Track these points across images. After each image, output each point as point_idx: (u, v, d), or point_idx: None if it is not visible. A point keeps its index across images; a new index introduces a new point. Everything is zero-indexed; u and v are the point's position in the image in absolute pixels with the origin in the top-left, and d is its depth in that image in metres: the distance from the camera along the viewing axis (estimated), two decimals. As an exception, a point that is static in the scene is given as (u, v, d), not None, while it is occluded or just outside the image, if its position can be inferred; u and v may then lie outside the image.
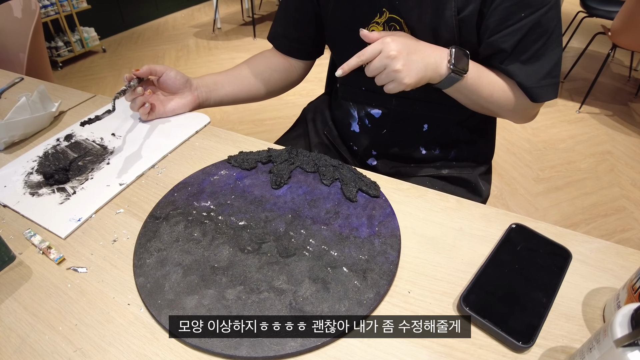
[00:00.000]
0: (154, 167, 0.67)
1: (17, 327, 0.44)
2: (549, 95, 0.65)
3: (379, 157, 0.82)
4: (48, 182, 0.63)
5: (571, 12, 2.99)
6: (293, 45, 0.85)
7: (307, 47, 0.85)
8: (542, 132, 2.28)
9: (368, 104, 0.78)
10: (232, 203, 0.57)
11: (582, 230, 1.64)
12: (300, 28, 0.82)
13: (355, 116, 0.81)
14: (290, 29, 0.83)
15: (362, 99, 0.79)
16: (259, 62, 0.86)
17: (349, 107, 0.82)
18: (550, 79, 0.64)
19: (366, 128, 0.80)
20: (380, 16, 0.67)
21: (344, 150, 0.85)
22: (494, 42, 0.62)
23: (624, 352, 0.30)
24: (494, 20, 0.60)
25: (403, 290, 0.46)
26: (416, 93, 0.72)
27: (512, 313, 0.42)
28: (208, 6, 4.54)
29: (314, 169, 0.63)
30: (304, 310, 0.43)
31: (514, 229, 0.52)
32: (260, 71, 0.85)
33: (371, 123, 0.79)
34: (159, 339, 0.42)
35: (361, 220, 0.54)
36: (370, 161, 0.83)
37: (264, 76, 0.85)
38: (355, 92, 0.80)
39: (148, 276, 0.48)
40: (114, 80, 2.96)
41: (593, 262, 0.49)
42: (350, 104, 0.81)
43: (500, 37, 0.61)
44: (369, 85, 0.76)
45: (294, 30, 0.83)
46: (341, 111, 0.84)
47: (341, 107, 0.84)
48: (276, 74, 0.86)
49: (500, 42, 0.61)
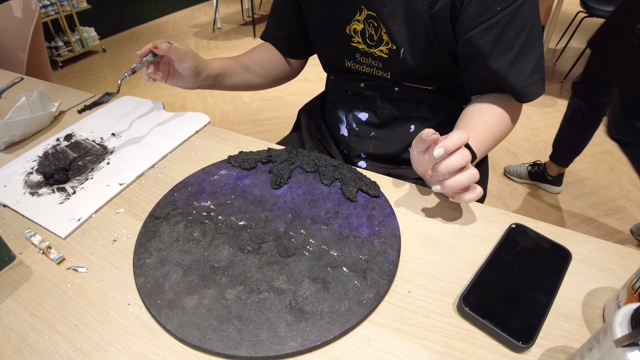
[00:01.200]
0: (154, 167, 0.67)
1: (17, 327, 0.44)
2: (538, 92, 0.63)
3: (369, 159, 0.81)
4: (48, 182, 0.63)
5: (571, 12, 2.98)
6: (282, 45, 0.87)
7: (295, 47, 0.87)
8: (542, 132, 2.27)
9: (355, 107, 0.78)
10: (232, 203, 0.57)
11: (582, 230, 1.64)
12: (287, 29, 0.84)
13: (344, 120, 0.81)
14: (279, 29, 0.85)
15: (349, 102, 0.79)
16: (262, 54, 0.87)
17: (337, 111, 0.82)
18: (537, 74, 0.62)
19: (354, 131, 0.80)
20: (360, 14, 0.67)
21: (336, 153, 0.85)
22: (470, 38, 0.60)
23: (624, 352, 0.30)
24: (468, 15, 0.59)
25: (403, 290, 0.46)
26: (400, 94, 0.73)
27: (512, 313, 0.42)
28: (208, 6, 4.54)
29: (314, 169, 0.63)
30: (304, 310, 0.43)
31: (514, 229, 0.52)
32: (263, 62, 0.86)
33: (359, 126, 0.79)
34: (159, 339, 0.42)
35: (361, 220, 0.54)
36: (360, 164, 0.82)
37: (266, 67, 0.86)
38: (342, 96, 0.80)
39: (148, 276, 0.48)
40: (114, 80, 2.96)
41: (593, 262, 0.49)
42: (338, 108, 0.82)
43: (476, 33, 0.59)
44: (355, 88, 0.77)
45: (282, 31, 0.85)
46: (331, 115, 0.85)
47: (331, 111, 0.85)
48: (276, 66, 0.88)
49: (478, 38, 0.59)
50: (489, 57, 0.60)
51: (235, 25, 3.94)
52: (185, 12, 4.40)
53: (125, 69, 3.04)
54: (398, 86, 0.72)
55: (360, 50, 0.71)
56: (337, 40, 0.73)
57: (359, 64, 0.73)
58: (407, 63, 0.67)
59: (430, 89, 0.71)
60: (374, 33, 0.67)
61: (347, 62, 0.74)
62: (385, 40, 0.67)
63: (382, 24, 0.65)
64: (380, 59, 0.70)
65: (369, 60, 0.71)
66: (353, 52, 0.72)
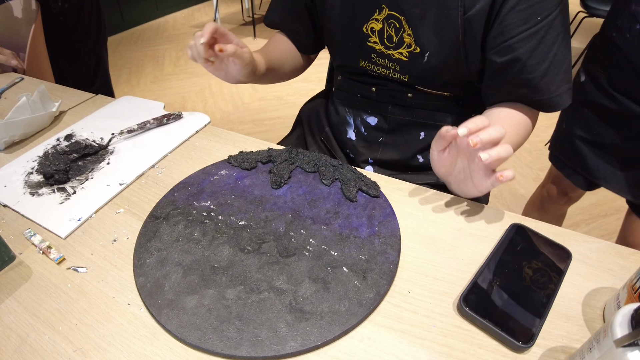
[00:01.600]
0: (154, 167, 0.67)
1: (17, 327, 0.44)
2: (566, 102, 0.63)
3: (375, 165, 0.80)
4: (48, 182, 0.63)
5: (571, 12, 2.98)
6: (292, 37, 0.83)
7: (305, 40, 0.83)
8: (542, 132, 2.27)
9: (364, 111, 0.77)
10: (232, 203, 0.57)
11: (582, 230, 1.64)
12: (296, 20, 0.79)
13: (351, 123, 0.80)
14: (287, 20, 0.81)
15: (357, 105, 0.78)
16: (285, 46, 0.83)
17: (344, 114, 0.80)
18: (565, 85, 0.62)
19: (362, 135, 0.79)
20: (380, 13, 0.65)
21: (341, 157, 0.83)
22: (509, 47, 0.59)
23: (624, 352, 0.30)
24: (508, 23, 0.58)
25: (403, 290, 0.46)
26: (414, 100, 0.71)
27: (512, 313, 0.42)
28: (208, 6, 4.54)
29: (314, 169, 0.63)
30: (304, 310, 0.43)
31: (514, 229, 0.52)
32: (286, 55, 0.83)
33: (367, 130, 0.78)
34: (159, 339, 0.42)
35: (361, 220, 0.54)
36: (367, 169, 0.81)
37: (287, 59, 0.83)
38: (350, 99, 0.79)
39: (148, 276, 0.48)
40: (114, 80, 2.95)
41: (593, 262, 0.49)
42: (346, 110, 0.80)
43: (516, 42, 0.58)
44: (365, 92, 0.75)
45: (291, 22, 0.81)
46: (337, 117, 0.83)
47: (337, 113, 0.83)
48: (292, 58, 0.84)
49: (517, 47, 0.59)
50: (525, 66, 0.59)
51: (235, 25, 3.94)
52: (185, 12, 4.40)
53: (125, 69, 3.05)
54: (412, 91, 0.71)
55: (376, 50, 0.69)
56: (352, 39, 0.70)
57: (375, 64, 0.71)
58: (430, 67, 0.65)
59: (446, 96, 0.70)
60: (394, 34, 0.66)
61: (362, 62, 0.72)
62: (407, 42, 0.65)
63: (409, 26, 0.64)
64: (398, 61, 0.68)
65: (385, 61, 0.69)
66: (369, 52, 0.70)
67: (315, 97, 0.96)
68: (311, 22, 0.79)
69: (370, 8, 0.66)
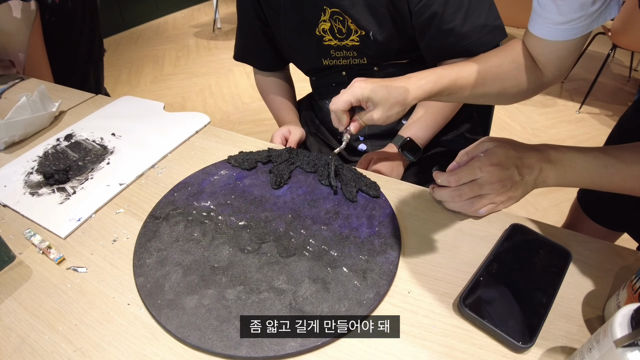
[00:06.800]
0: (154, 167, 0.67)
1: (17, 327, 0.44)
2: (495, 39, 0.67)
3: (367, 140, 0.85)
4: (48, 182, 0.63)
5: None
6: (257, 61, 0.93)
7: (267, 61, 0.92)
8: (542, 132, 2.27)
9: None
10: (232, 203, 0.57)
11: (582, 230, 1.64)
12: (256, 45, 0.88)
13: None
14: (248, 48, 0.90)
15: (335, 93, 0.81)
16: (281, 94, 0.93)
17: (326, 106, 0.86)
18: (492, 23, 0.66)
19: None
20: (325, 14, 0.72)
21: (335, 144, 0.88)
22: (424, 5, 0.65)
23: (624, 352, 0.30)
24: None
25: (403, 291, 0.46)
26: (380, 72, 0.78)
27: (512, 313, 0.42)
28: (208, 6, 4.54)
29: (314, 169, 0.63)
30: (304, 310, 0.43)
31: (513, 229, 0.52)
32: (284, 97, 0.93)
33: None
34: (159, 339, 0.42)
35: (361, 220, 0.54)
36: (360, 147, 0.85)
37: (290, 100, 0.95)
38: (328, 90, 0.85)
39: (148, 276, 0.48)
40: (114, 80, 2.96)
41: (593, 262, 0.49)
42: (326, 102, 0.86)
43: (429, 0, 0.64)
44: (338, 79, 0.82)
45: (253, 49, 0.90)
46: (322, 112, 0.89)
47: (321, 109, 0.89)
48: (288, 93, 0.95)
49: (431, 3, 0.65)
50: (443, 18, 0.65)
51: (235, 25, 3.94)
52: (185, 12, 4.40)
53: (125, 69, 3.05)
54: (377, 66, 0.77)
55: (333, 46, 0.76)
56: (310, 44, 0.78)
57: (336, 58, 0.78)
58: (379, 44, 0.72)
59: (406, 62, 0.77)
60: (342, 27, 0.73)
61: (324, 60, 0.79)
62: (354, 29, 0.72)
63: (347, 16, 0.70)
64: (353, 48, 0.75)
65: (343, 52, 0.76)
66: (327, 50, 0.77)
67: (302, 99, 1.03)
68: (270, 43, 0.88)
69: (316, 12, 0.73)
